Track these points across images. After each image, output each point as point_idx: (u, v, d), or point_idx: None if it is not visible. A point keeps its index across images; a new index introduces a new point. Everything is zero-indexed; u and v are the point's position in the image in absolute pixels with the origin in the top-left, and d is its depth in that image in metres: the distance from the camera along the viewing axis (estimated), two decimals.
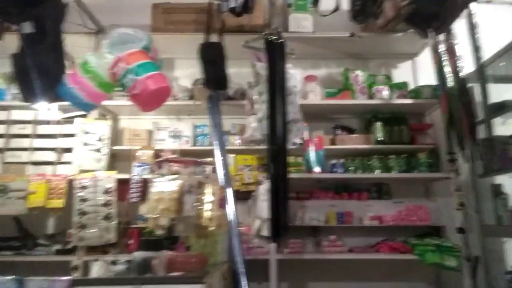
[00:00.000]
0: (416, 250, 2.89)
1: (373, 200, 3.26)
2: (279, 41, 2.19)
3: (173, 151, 3.18)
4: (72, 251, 2.97)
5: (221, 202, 2.06)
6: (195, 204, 1.96)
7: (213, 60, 2.22)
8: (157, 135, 3.31)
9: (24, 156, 3.09)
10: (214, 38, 3.13)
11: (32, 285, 1.52)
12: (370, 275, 3.17)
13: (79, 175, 2.98)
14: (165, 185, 1.96)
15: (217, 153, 2.88)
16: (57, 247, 3.03)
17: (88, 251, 2.91)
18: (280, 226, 1.98)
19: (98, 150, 3.07)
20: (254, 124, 2.48)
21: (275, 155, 2.05)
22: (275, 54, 2.19)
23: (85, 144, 3.04)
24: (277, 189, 1.99)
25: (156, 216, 2.06)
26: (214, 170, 2.30)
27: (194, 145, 3.29)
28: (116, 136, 3.33)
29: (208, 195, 1.99)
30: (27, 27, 1.51)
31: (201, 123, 3.36)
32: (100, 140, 3.10)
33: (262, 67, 2.30)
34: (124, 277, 1.57)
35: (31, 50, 1.51)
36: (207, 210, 1.95)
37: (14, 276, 1.51)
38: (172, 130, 3.32)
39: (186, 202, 1.93)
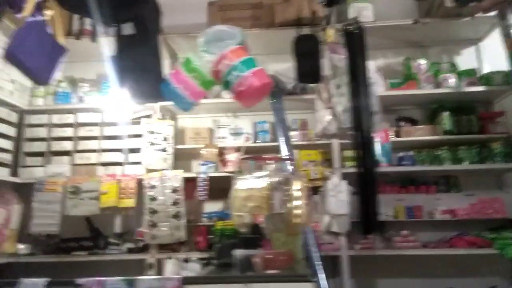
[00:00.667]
0: (496, 244, 2.76)
1: (443, 194, 3.14)
2: (358, 31, 2.12)
3: (236, 148, 3.19)
4: (142, 249, 3.03)
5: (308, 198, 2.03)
6: (283, 200, 1.92)
7: (307, 53, 2.17)
8: (218, 133, 3.32)
9: (93, 158, 3.17)
10: (267, 32, 3.13)
11: (143, 284, 1.54)
12: (443, 271, 3.06)
13: (147, 175, 3.03)
14: (253, 183, 1.94)
15: (284, 148, 2.87)
16: (128, 245, 3.09)
17: (159, 249, 2.96)
18: (371, 221, 1.92)
19: (164, 150, 3.11)
20: (328, 118, 2.42)
21: (362, 148, 2.00)
22: (355, 45, 2.12)
23: (152, 144, 3.08)
24: (365, 183, 1.94)
25: (241, 214, 2.05)
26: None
27: (255, 141, 3.27)
28: (177, 135, 3.35)
29: (296, 191, 1.95)
30: (128, 29, 1.53)
31: (261, 119, 3.33)
32: (165, 139, 3.14)
33: (339, 59, 2.24)
34: (233, 275, 1.56)
35: (133, 51, 1.52)
36: (296, 206, 1.91)
37: (124, 277, 1.53)
38: (232, 128, 3.32)
39: (275, 199, 1.90)
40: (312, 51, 2.18)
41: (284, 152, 2.85)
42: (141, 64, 1.56)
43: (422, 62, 3.28)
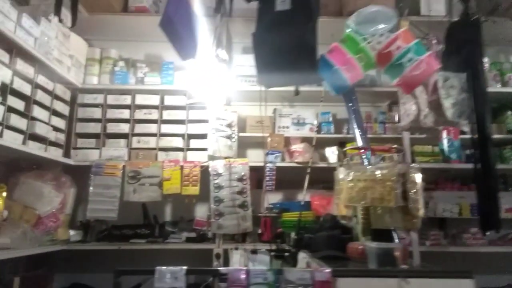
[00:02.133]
0: None
1: (504, 192, 3.15)
2: (474, 21, 2.06)
3: (302, 139, 3.10)
4: (202, 239, 2.90)
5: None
6: (403, 192, 1.86)
7: (463, 40, 2.02)
8: (280, 122, 3.21)
9: (152, 142, 3.01)
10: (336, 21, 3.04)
11: (291, 276, 1.44)
12: (503, 267, 3.08)
13: (213, 162, 2.90)
14: (369, 174, 1.86)
15: (359, 140, 2.80)
16: (186, 234, 2.95)
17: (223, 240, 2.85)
18: (492, 218, 1.88)
19: (229, 137, 2.98)
20: (425, 110, 2.36)
21: (481, 143, 1.94)
22: (467, 36, 2.06)
23: (217, 130, 2.95)
24: (485, 179, 1.89)
25: (354, 204, 1.97)
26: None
27: (319, 132, 3.18)
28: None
29: (413, 183, 1.88)
30: (285, 4, 1.40)
31: (324, 110, 3.25)
32: (229, 126, 3.01)
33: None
34: (388, 268, 1.48)
35: (290, 28, 1.39)
36: (415, 198, 1.85)
37: (272, 268, 1.42)
38: (295, 117, 3.22)
39: (397, 191, 1.83)
40: (470, 39, 1.99)
41: (359, 143, 2.80)
42: (298, 43, 1.44)
43: (485, 60, 3.26)
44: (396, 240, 1.86)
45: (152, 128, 3.03)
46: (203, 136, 3.00)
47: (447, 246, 2.86)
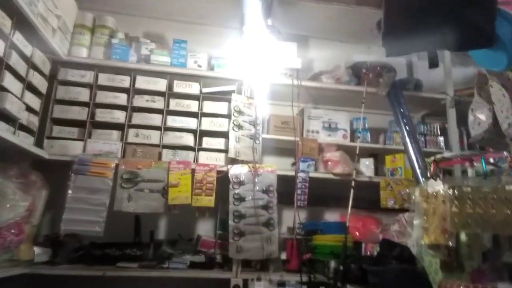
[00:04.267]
0: None
1: None
2: None
3: (337, 147, 2.61)
4: (211, 264, 2.28)
5: None
6: None
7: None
8: (309, 125, 2.70)
9: (155, 137, 2.36)
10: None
11: None
12: None
13: (234, 167, 2.31)
14: (497, 189, 1.39)
15: (409, 149, 2.35)
16: (189, 258, 2.31)
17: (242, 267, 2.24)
18: None
19: (253, 137, 2.42)
20: (506, 118, 1.96)
21: None
22: None
23: (239, 127, 2.37)
24: None
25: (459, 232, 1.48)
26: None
27: (353, 140, 2.71)
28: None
29: None
30: None
31: (358, 116, 2.78)
32: (253, 124, 2.45)
33: None
34: None
35: None
36: None
37: None
38: (326, 121, 2.73)
39: None
40: None
41: (409, 153, 2.36)
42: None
43: None
44: None
45: (156, 119, 2.39)
46: (220, 134, 2.41)
47: None
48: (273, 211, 2.30)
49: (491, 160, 1.59)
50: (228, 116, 2.42)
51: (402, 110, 2.46)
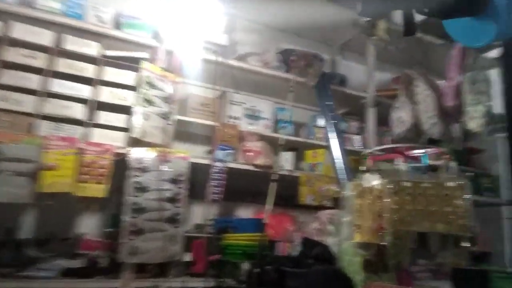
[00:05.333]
0: None
1: None
2: None
3: (258, 136, 2.35)
4: (91, 270, 1.81)
5: None
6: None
7: None
8: (230, 110, 2.40)
9: (29, 103, 1.80)
10: None
11: None
12: None
13: (136, 150, 1.88)
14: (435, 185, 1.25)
15: (333, 144, 2.21)
16: (61, 262, 1.81)
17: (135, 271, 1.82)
18: None
19: (165, 116, 2.01)
20: (431, 119, 1.92)
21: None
22: None
23: (149, 102, 1.95)
24: None
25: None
26: None
27: (276, 131, 2.48)
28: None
29: (459, 200, 1.34)
30: None
31: (282, 107, 2.58)
32: (167, 102, 2.04)
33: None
34: None
35: None
36: (462, 219, 1.29)
37: None
38: (248, 108, 2.45)
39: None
40: None
41: (333, 148, 2.22)
42: None
43: None
44: None
45: (33, 80, 1.83)
46: (121, 109, 1.95)
47: None
48: (180, 205, 1.93)
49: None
50: (133, 88, 1.98)
51: (328, 102, 2.32)
